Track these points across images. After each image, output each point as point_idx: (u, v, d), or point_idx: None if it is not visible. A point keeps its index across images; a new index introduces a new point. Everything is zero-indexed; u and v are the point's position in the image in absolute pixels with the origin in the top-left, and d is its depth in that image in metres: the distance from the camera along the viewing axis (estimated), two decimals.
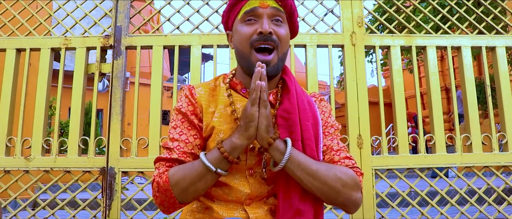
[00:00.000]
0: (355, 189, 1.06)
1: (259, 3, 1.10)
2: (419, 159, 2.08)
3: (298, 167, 1.02)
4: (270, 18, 1.10)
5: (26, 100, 2.14)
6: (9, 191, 2.05)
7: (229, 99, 1.13)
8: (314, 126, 1.13)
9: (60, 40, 2.16)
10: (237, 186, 1.09)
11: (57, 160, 2.06)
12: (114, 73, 2.12)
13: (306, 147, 1.08)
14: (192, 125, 1.12)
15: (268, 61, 1.07)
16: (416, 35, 2.19)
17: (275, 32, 1.09)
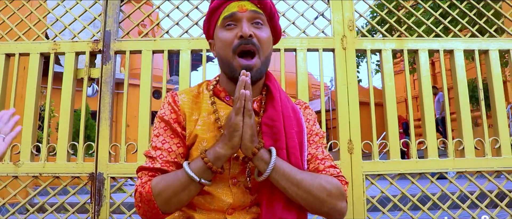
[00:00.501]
0: (340, 199, 1.07)
1: (237, 8, 1.11)
2: (410, 164, 2.10)
3: (282, 176, 1.03)
4: (249, 21, 1.11)
5: (16, 105, 2.18)
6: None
7: (212, 107, 1.14)
8: (298, 134, 1.14)
9: (49, 45, 2.20)
10: (220, 195, 1.10)
11: (46, 165, 2.10)
12: (103, 78, 2.16)
13: (290, 155, 1.09)
14: (175, 133, 1.13)
15: (251, 66, 1.08)
16: (407, 39, 2.21)
17: (255, 35, 1.09)
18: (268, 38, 1.14)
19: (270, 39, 1.16)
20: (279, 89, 1.18)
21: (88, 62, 2.20)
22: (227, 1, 1.13)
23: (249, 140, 1.01)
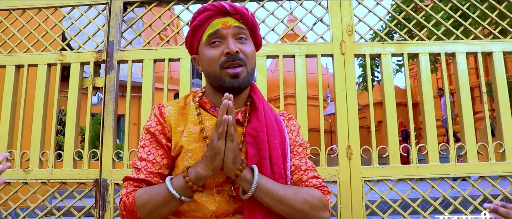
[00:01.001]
0: (322, 210, 1.14)
1: (221, 25, 1.18)
2: (410, 170, 2.12)
3: (266, 194, 1.10)
4: (234, 37, 1.19)
5: (26, 113, 2.33)
6: (9, 201, 2.24)
7: (198, 118, 1.22)
8: (281, 144, 1.21)
9: (56, 56, 2.34)
10: (204, 203, 1.17)
11: (54, 171, 2.23)
12: (106, 87, 2.28)
13: (274, 164, 1.17)
14: (160, 145, 1.21)
15: (238, 73, 1.16)
16: (407, 42, 2.23)
17: (241, 50, 1.17)
18: (252, 51, 1.22)
19: (254, 52, 1.24)
20: (262, 101, 1.27)
21: (93, 72, 2.33)
22: (210, 18, 1.20)
23: (232, 162, 1.08)
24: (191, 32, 1.25)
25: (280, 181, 1.16)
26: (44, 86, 2.32)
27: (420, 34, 2.25)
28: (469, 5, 2.31)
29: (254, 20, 1.24)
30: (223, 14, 1.20)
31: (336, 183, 2.11)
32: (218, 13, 1.20)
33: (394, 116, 2.18)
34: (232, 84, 1.16)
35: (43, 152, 2.27)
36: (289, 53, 2.25)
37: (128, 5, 2.38)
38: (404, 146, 2.25)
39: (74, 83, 2.31)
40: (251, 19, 1.22)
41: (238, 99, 1.24)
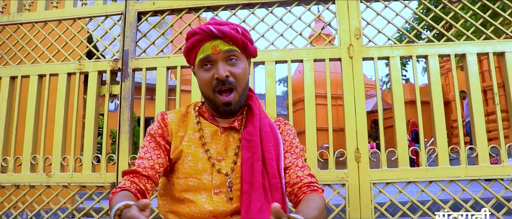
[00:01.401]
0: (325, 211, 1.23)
1: (211, 50, 1.27)
2: (419, 172, 2.15)
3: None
4: (224, 60, 1.27)
5: (48, 119, 2.50)
6: (34, 203, 2.42)
7: (197, 126, 1.35)
8: (275, 147, 1.32)
9: (75, 66, 2.51)
10: (202, 204, 1.27)
11: (74, 175, 2.39)
12: (122, 94, 2.42)
13: (267, 165, 1.27)
14: (158, 145, 1.33)
15: (230, 101, 1.27)
16: (416, 45, 2.26)
17: (231, 73, 1.27)
18: (244, 70, 1.31)
19: (246, 68, 1.33)
20: (259, 108, 1.37)
21: (109, 80, 2.48)
22: (201, 42, 1.29)
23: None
24: (186, 52, 1.34)
25: (273, 181, 1.26)
26: (65, 94, 2.48)
27: (429, 35, 2.28)
28: (480, 5, 2.31)
29: (244, 39, 1.30)
30: (212, 37, 1.27)
31: (345, 185, 2.17)
32: (206, 37, 1.27)
33: (402, 118, 2.21)
34: (225, 111, 1.30)
35: (64, 157, 2.44)
36: (297, 58, 2.33)
37: (142, 15, 2.52)
38: (413, 149, 2.27)
39: (92, 91, 2.47)
40: (240, 39, 1.29)
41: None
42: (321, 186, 1.41)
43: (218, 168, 1.30)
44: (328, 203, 2.19)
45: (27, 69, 2.55)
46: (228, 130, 1.36)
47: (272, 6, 2.41)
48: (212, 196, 1.28)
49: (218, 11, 2.46)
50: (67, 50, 2.58)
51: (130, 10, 2.51)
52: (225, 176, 1.30)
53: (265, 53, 2.35)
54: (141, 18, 2.53)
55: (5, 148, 2.51)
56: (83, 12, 2.57)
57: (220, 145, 1.34)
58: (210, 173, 1.30)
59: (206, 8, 2.46)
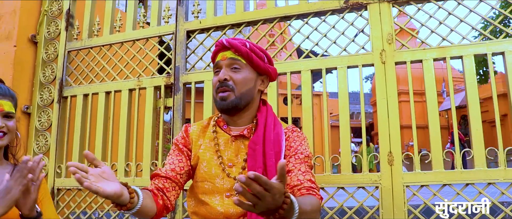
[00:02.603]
0: (318, 211, 1.45)
1: (221, 58, 1.62)
2: (454, 175, 2.26)
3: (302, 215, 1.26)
4: (228, 67, 1.59)
5: (113, 132, 3.02)
6: (104, 204, 2.94)
7: (213, 134, 1.66)
8: (276, 154, 1.54)
9: (135, 82, 3.00)
10: (215, 206, 1.53)
11: (135, 180, 2.87)
12: (175, 107, 2.86)
13: (268, 172, 1.49)
14: (180, 151, 1.67)
15: (224, 97, 1.56)
16: (450, 46, 2.38)
17: (231, 77, 1.56)
18: (244, 78, 1.59)
19: (249, 78, 1.61)
20: (267, 118, 1.64)
21: (164, 94, 2.93)
22: (217, 53, 1.66)
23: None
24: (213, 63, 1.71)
25: None
26: (126, 107, 2.99)
27: (464, 35, 2.37)
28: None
29: (249, 52, 1.59)
30: (224, 48, 1.63)
31: (378, 188, 2.35)
32: (221, 48, 1.64)
33: (437, 121, 2.34)
34: (220, 105, 1.58)
35: (127, 163, 2.93)
36: (332, 66, 2.57)
37: (191, 33, 2.95)
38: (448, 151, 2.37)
39: (149, 104, 2.94)
40: (245, 51, 1.59)
41: (243, 118, 1.65)
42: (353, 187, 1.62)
43: (228, 173, 1.57)
44: (363, 205, 2.39)
45: (96, 87, 3.12)
46: (239, 138, 1.62)
47: (307, 17, 2.68)
48: (224, 199, 1.54)
49: (258, 25, 2.79)
50: (128, 68, 3.09)
51: (180, 29, 2.95)
52: (234, 180, 1.56)
53: (301, 63, 2.62)
54: (190, 36, 2.96)
55: (81, 156, 3.08)
56: (140, 34, 3.08)
57: (231, 152, 1.61)
58: (222, 178, 1.58)
59: (246, 23, 2.81)
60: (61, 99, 3.24)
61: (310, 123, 2.56)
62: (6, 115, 1.67)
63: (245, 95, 1.59)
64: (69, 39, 3.34)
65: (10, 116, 1.69)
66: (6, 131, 1.66)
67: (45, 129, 3.24)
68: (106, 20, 3.25)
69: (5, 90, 1.70)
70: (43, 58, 3.38)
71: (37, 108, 3.30)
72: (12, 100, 1.72)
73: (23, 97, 3.28)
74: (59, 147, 3.17)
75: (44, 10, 3.45)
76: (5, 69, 3.26)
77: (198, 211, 1.60)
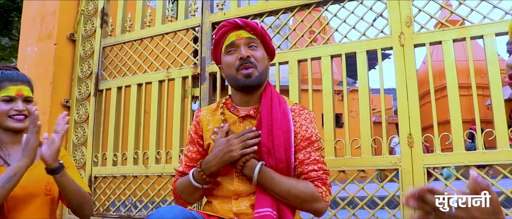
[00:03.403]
0: (314, 202, 1.54)
1: (235, 37, 1.66)
2: (476, 156, 2.28)
3: (266, 187, 1.55)
4: (246, 45, 1.65)
5: (145, 122, 3.23)
6: (137, 191, 3.15)
7: (221, 116, 1.75)
8: (285, 133, 1.61)
9: (164, 74, 3.20)
10: (227, 185, 1.64)
11: (165, 167, 3.05)
12: (201, 96, 3.02)
13: (275, 151, 1.58)
14: (193, 142, 1.78)
15: (250, 73, 1.62)
16: (470, 26, 2.39)
17: (252, 55, 1.63)
18: (262, 56, 1.69)
19: (264, 57, 1.71)
20: (272, 98, 1.71)
21: (191, 84, 3.10)
22: (227, 33, 1.73)
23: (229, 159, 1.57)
24: (214, 46, 1.79)
25: (280, 165, 1.58)
26: (157, 98, 3.19)
27: (484, 14, 2.38)
28: None
29: (263, 31, 1.70)
30: (236, 28, 1.70)
31: (398, 171, 2.40)
32: (232, 27, 1.70)
33: (457, 102, 2.36)
34: (245, 83, 1.63)
35: (158, 151, 3.13)
36: (351, 51, 2.64)
37: (215, 25, 3.10)
38: (469, 132, 2.38)
39: (177, 94, 3.13)
40: (260, 30, 1.68)
41: (252, 98, 1.73)
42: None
43: None
44: (384, 187, 2.45)
45: (128, 80, 3.35)
46: (247, 118, 1.70)
47: (326, 4, 2.77)
48: (234, 178, 1.63)
49: (279, 15, 2.91)
50: (158, 61, 3.29)
51: (206, 21, 3.12)
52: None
53: (321, 49, 2.71)
54: (215, 28, 3.11)
55: (115, 145, 3.32)
56: (169, 28, 3.28)
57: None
58: None
59: (268, 12, 2.93)
60: (97, 92, 3.50)
61: (331, 109, 2.63)
62: (26, 99, 1.91)
63: (263, 73, 1.68)
64: (104, 36, 3.60)
65: (29, 100, 1.93)
66: (26, 113, 1.90)
67: (83, 121, 3.51)
68: (137, 16, 3.47)
69: (23, 76, 1.95)
70: (80, 55, 3.66)
71: (75, 101, 3.59)
72: (29, 85, 1.96)
73: (62, 91, 3.58)
74: (95, 137, 3.42)
75: (81, 9, 3.74)
76: (46, 66, 3.56)
77: (211, 191, 1.71)
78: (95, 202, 3.34)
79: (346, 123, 2.61)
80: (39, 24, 3.76)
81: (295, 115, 1.71)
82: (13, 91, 1.86)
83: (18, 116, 1.87)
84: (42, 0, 3.81)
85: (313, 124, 1.70)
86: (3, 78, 1.87)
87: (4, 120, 1.86)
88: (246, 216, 1.61)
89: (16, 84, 1.87)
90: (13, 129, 1.87)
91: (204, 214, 1.61)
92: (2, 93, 1.85)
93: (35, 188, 1.83)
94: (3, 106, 1.85)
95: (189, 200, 1.72)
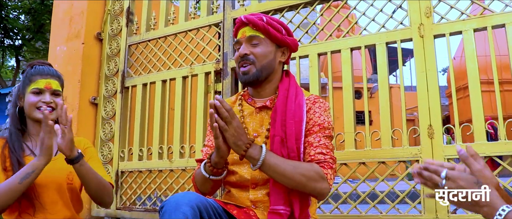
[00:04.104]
0: (319, 181, 1.58)
1: (241, 35, 1.78)
2: (498, 146, 2.29)
3: (269, 169, 1.56)
4: (248, 42, 1.75)
5: (169, 118, 3.36)
6: (162, 185, 3.28)
7: (239, 107, 1.85)
8: (297, 123, 1.67)
9: (188, 70, 3.33)
10: (243, 174, 1.71)
11: (189, 161, 3.17)
12: (223, 90, 3.12)
13: (287, 140, 1.64)
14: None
15: (245, 71, 1.72)
16: (491, 15, 2.40)
17: (251, 52, 1.72)
18: (264, 51, 1.74)
19: (269, 51, 1.76)
20: (288, 89, 1.78)
21: (214, 79, 3.21)
22: (237, 29, 1.85)
23: (234, 145, 1.53)
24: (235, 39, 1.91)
25: (291, 154, 1.63)
26: (181, 93, 3.31)
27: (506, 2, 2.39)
28: None
29: (266, 26, 1.73)
30: (243, 25, 1.80)
31: (419, 162, 2.44)
32: (240, 25, 1.82)
33: (478, 92, 2.37)
34: (242, 79, 1.75)
35: (182, 146, 3.25)
36: (371, 43, 2.68)
37: None
38: (491, 122, 2.40)
39: (200, 90, 3.25)
40: (262, 25, 1.73)
41: (266, 89, 1.81)
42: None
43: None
44: (404, 179, 2.49)
45: (153, 77, 3.49)
46: (263, 109, 1.78)
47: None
48: (251, 167, 1.63)
49: (299, 9, 2.98)
50: (181, 58, 3.42)
51: (227, 18, 3.22)
52: None
53: (340, 42, 2.77)
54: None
55: (141, 141, 3.46)
56: (192, 25, 3.41)
57: (256, 123, 1.76)
58: None
59: (288, 7, 3.00)
60: (123, 89, 3.66)
61: (351, 103, 2.69)
62: (54, 92, 2.06)
63: (265, 68, 1.75)
64: (129, 34, 3.76)
65: (57, 94, 2.08)
66: (54, 106, 2.04)
67: (110, 117, 3.67)
68: (161, 14, 3.62)
69: (53, 71, 2.10)
70: (107, 53, 3.84)
71: (103, 99, 3.76)
72: (59, 80, 2.11)
73: (90, 89, 3.75)
74: (122, 133, 3.58)
75: (108, 9, 3.91)
76: (75, 65, 3.75)
77: (229, 179, 1.79)
78: (122, 196, 3.49)
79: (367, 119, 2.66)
80: (67, 24, 3.95)
81: (309, 102, 1.76)
82: (42, 84, 2.01)
83: (45, 107, 2.01)
84: (71, 1, 4.00)
85: (327, 112, 1.75)
86: (35, 72, 2.04)
87: (33, 111, 2.01)
88: (263, 204, 1.70)
89: (45, 78, 2.03)
90: (40, 120, 2.00)
91: (221, 202, 1.69)
92: (32, 86, 2.00)
93: (57, 177, 1.96)
94: (32, 98, 2.00)
95: (202, 189, 1.78)
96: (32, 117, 2.02)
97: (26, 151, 2.00)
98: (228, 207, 1.66)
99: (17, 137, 2.01)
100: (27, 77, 2.03)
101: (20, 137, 2.02)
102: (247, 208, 1.72)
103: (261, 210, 1.70)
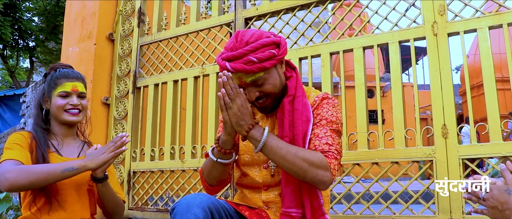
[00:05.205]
0: (321, 168, 1.54)
1: (238, 82, 1.61)
2: None
3: (270, 151, 1.55)
4: (254, 86, 1.63)
5: (181, 118, 3.41)
6: (174, 185, 3.33)
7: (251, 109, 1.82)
8: (304, 123, 1.66)
9: (199, 70, 3.36)
10: (255, 176, 1.76)
11: (201, 161, 3.21)
12: None
13: (295, 140, 1.63)
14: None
15: (264, 106, 1.70)
16: (507, 12, 2.39)
17: (261, 91, 1.64)
18: (271, 83, 1.64)
19: (273, 79, 1.65)
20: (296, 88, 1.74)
21: None
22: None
23: (237, 125, 1.55)
24: None
25: None
26: (192, 94, 3.35)
27: None
28: None
29: (259, 65, 1.57)
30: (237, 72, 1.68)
31: (432, 162, 2.44)
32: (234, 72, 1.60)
33: (493, 90, 2.36)
34: (265, 112, 1.76)
35: (194, 146, 3.29)
36: (383, 41, 2.69)
37: (248, 20, 3.23)
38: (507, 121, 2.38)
39: (212, 89, 3.30)
40: (257, 67, 1.57)
41: None
42: None
43: None
44: (418, 179, 2.49)
45: (165, 77, 3.54)
46: (274, 113, 1.78)
47: None
48: (262, 170, 1.73)
49: (311, 8, 3.00)
50: (193, 58, 3.46)
51: (239, 17, 3.25)
52: None
53: (353, 41, 2.78)
54: (248, 23, 3.24)
55: (153, 141, 3.51)
56: (203, 25, 3.44)
57: (268, 126, 1.66)
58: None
59: (300, 6, 3.02)
60: (135, 90, 3.72)
61: (363, 100, 2.70)
62: (80, 95, 2.15)
63: (279, 91, 1.70)
64: (141, 35, 3.81)
65: (83, 96, 2.16)
66: (81, 108, 2.12)
67: (122, 118, 3.73)
68: (173, 14, 3.66)
69: (77, 74, 2.18)
70: (119, 54, 3.89)
71: (115, 99, 3.82)
72: (83, 82, 2.20)
73: (102, 89, 3.81)
74: (134, 133, 3.63)
75: (119, 10, 3.97)
76: (87, 65, 3.81)
77: (241, 182, 1.84)
78: (134, 196, 3.54)
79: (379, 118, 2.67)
80: (80, 25, 4.02)
81: (318, 99, 1.75)
82: (69, 87, 2.09)
83: (73, 110, 2.10)
84: (83, 1, 4.07)
85: (335, 108, 1.74)
86: (60, 75, 2.11)
87: (60, 114, 2.09)
88: (275, 204, 1.74)
89: (72, 81, 2.11)
90: (68, 122, 2.11)
91: (233, 204, 1.72)
92: (59, 89, 2.08)
93: (79, 178, 2.01)
94: (59, 101, 2.08)
95: (209, 178, 1.79)
96: (60, 119, 2.10)
97: (51, 148, 2.07)
98: (240, 208, 1.70)
99: (42, 134, 2.08)
100: (52, 80, 2.10)
101: (45, 135, 2.09)
102: (259, 209, 1.75)
103: (273, 211, 1.74)
